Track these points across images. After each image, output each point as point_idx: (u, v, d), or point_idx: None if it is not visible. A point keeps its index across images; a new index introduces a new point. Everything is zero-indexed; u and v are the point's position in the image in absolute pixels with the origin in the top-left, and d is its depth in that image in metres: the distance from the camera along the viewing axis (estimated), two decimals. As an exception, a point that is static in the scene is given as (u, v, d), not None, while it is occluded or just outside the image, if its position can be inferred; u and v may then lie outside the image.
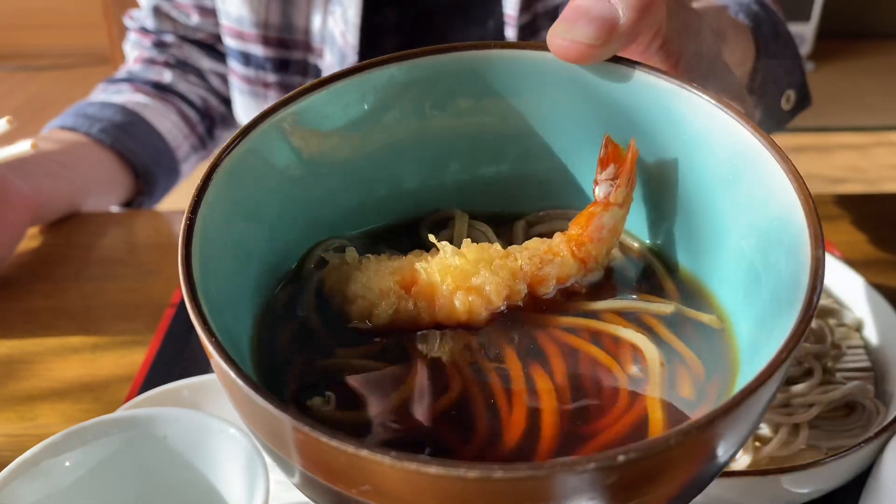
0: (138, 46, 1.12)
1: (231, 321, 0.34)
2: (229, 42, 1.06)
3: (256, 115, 0.38)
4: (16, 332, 0.75)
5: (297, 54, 1.04)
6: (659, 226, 0.43)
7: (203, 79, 1.13)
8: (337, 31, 1.00)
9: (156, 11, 1.09)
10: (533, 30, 0.99)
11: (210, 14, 1.08)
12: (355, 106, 0.40)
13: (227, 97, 1.14)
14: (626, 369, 0.36)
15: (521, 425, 0.33)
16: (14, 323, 0.76)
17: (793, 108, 0.87)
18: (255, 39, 1.03)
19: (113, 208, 1.03)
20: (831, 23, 3.79)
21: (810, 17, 3.69)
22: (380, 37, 1.02)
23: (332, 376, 0.36)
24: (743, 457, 0.54)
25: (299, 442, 0.27)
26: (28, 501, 0.44)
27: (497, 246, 0.40)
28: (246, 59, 1.05)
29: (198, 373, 0.58)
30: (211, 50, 1.11)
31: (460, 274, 0.38)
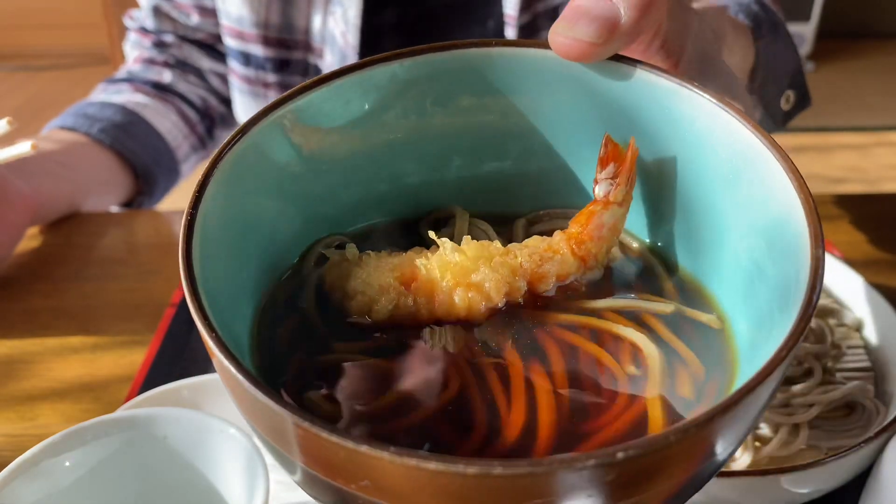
0: (138, 46, 1.12)
1: (231, 317, 0.34)
2: (229, 42, 1.06)
3: (257, 112, 0.38)
4: (16, 332, 0.75)
5: (298, 54, 1.04)
6: (659, 225, 0.43)
7: (203, 79, 1.13)
8: (337, 32, 1.00)
9: (156, 11, 1.09)
10: (533, 30, 0.99)
11: (210, 14, 1.08)
12: (356, 103, 0.40)
13: (227, 97, 1.14)
14: (626, 368, 0.36)
15: (521, 422, 0.33)
16: (14, 323, 0.76)
17: (792, 109, 0.87)
18: (256, 39, 1.03)
19: (113, 208, 1.03)
20: (831, 23, 3.79)
21: (810, 17, 3.69)
22: (380, 37, 1.02)
23: (332, 372, 0.36)
24: (743, 457, 0.54)
25: (300, 437, 0.27)
26: (28, 501, 0.44)
27: (497, 243, 0.40)
28: (246, 60, 1.05)
29: (198, 373, 0.58)
30: (211, 50, 1.11)
31: (460, 270, 0.38)
